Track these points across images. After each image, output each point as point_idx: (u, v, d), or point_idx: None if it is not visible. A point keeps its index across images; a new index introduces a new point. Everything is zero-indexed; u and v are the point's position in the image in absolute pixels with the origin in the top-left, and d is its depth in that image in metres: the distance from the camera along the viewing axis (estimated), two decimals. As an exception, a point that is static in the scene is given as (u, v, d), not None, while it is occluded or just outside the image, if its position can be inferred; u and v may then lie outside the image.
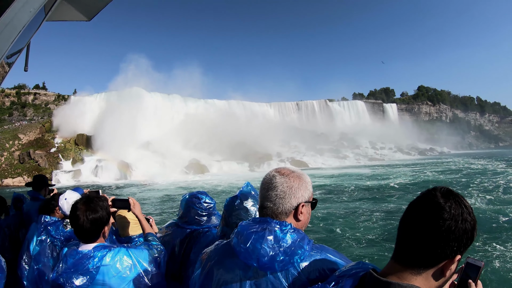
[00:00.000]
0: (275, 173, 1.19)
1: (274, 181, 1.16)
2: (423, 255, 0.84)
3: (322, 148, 56.13)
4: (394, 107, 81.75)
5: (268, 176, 1.19)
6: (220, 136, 52.45)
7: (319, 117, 69.10)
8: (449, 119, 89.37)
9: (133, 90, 60.81)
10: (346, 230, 11.25)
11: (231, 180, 34.13)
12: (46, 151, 52.20)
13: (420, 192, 0.89)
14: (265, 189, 1.18)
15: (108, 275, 1.68)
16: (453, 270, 0.88)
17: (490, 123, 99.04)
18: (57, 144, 54.57)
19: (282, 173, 1.18)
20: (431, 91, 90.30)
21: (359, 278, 0.93)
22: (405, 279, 0.85)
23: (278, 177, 1.17)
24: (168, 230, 2.27)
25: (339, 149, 56.89)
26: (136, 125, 52.68)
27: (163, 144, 50.65)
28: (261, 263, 1.06)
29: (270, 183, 1.17)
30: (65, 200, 2.48)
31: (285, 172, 1.19)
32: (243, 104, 64.76)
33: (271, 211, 1.15)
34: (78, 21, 2.52)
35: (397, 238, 0.90)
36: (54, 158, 50.84)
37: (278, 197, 1.14)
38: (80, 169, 46.52)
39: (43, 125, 58.91)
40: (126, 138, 48.90)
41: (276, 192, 1.15)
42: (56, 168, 48.60)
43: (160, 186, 31.20)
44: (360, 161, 51.66)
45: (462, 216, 0.83)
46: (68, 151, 53.11)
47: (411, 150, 63.95)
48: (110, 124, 51.08)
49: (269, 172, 1.21)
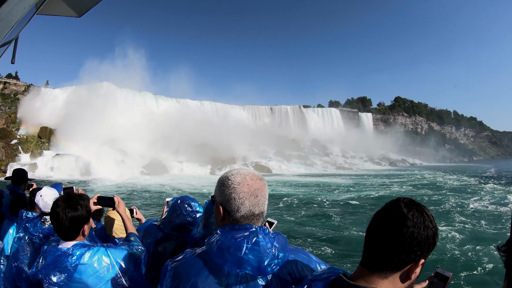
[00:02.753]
0: (257, 178, 1.21)
1: (257, 187, 1.18)
2: (389, 259, 0.90)
3: (291, 154, 55.38)
4: (370, 117, 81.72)
5: (253, 182, 1.19)
6: (187, 137, 51.69)
7: (292, 122, 68.48)
8: (424, 131, 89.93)
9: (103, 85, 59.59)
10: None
11: (188, 183, 33.41)
12: (6, 142, 50.64)
13: (385, 203, 0.96)
14: (249, 195, 1.17)
15: (85, 274, 1.69)
16: (418, 273, 0.93)
17: (466, 137, 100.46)
18: (19, 136, 52.97)
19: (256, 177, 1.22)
20: (408, 103, 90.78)
21: (330, 282, 0.98)
22: (372, 283, 0.91)
23: (259, 182, 1.19)
24: (159, 239, 2.12)
25: (308, 156, 56.25)
26: (102, 121, 51.26)
27: (127, 142, 49.65)
28: (255, 269, 1.08)
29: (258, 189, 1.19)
30: (41, 197, 2.45)
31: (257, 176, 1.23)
32: (216, 106, 63.63)
33: (251, 217, 1.17)
34: (68, 16, 2.54)
35: (364, 244, 0.96)
36: (13, 150, 49.48)
37: (260, 203, 1.18)
38: (36, 163, 45.20)
39: (9, 116, 57.24)
40: (90, 133, 47.46)
41: (258, 199, 1.17)
42: (13, 160, 47.20)
43: (109, 184, 30.31)
44: (327, 169, 51.08)
45: (424, 223, 0.90)
46: (29, 144, 51.50)
47: (382, 161, 63.82)
48: (75, 119, 49.73)
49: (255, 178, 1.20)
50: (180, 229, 2.09)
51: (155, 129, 53.30)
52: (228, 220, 1.17)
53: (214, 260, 1.12)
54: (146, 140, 51.14)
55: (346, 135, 69.77)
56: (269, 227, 2.37)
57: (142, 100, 61.67)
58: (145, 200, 21.33)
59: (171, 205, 2.14)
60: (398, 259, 0.89)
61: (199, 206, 2.14)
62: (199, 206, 2.14)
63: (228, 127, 59.24)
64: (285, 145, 59.02)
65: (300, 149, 59.92)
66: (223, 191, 1.17)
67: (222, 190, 1.17)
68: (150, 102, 61.85)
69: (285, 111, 69.13)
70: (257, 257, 1.07)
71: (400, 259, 0.89)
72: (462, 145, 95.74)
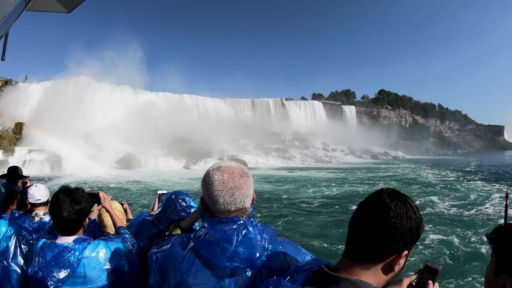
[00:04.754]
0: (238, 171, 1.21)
1: (234, 185, 1.17)
2: (371, 250, 0.89)
3: (270, 147, 54.74)
4: (353, 110, 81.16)
5: (229, 180, 1.18)
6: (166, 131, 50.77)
7: (273, 115, 67.54)
8: (408, 124, 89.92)
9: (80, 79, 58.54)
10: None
11: (159, 177, 32.80)
12: (-20, 139, 49.26)
13: (369, 194, 0.95)
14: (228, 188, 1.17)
15: (89, 268, 1.72)
16: (402, 265, 0.93)
17: (450, 130, 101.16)
18: (-6, 132, 51.67)
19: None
20: (392, 96, 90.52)
21: (312, 273, 0.97)
22: (354, 274, 0.90)
23: (237, 180, 1.18)
24: (153, 235, 2.10)
25: (288, 149, 55.64)
26: (78, 116, 50.32)
27: (103, 137, 48.60)
28: (245, 261, 1.07)
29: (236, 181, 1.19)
30: (36, 187, 2.47)
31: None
32: (197, 99, 62.53)
33: (226, 213, 1.17)
34: (58, 12, 2.53)
35: (347, 235, 0.95)
36: (-13, 147, 48.23)
37: (238, 201, 1.16)
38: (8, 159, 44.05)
39: (-15, 111, 55.86)
40: (64, 128, 46.57)
41: (235, 197, 1.16)
42: (-14, 157, 45.97)
43: (79, 180, 29.48)
44: (305, 163, 50.52)
45: (407, 214, 0.89)
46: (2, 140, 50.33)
47: (364, 154, 63.55)
48: (50, 113, 48.55)
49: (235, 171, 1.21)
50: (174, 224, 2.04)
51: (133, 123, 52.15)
52: (208, 213, 1.19)
53: (202, 253, 1.10)
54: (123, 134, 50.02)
55: (328, 128, 69.19)
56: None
57: (121, 94, 60.57)
58: (113, 196, 20.52)
59: (165, 200, 2.09)
60: (381, 250, 0.88)
61: (193, 201, 2.12)
62: (193, 201, 2.12)
63: (209, 121, 58.33)
64: (266, 139, 58.36)
65: (281, 142, 59.28)
66: (203, 185, 1.19)
67: (203, 184, 1.20)
68: (128, 96, 60.77)
69: (267, 104, 68.16)
70: (247, 250, 1.06)
71: (382, 250, 0.88)
72: (447, 138, 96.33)
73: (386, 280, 0.93)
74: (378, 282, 0.91)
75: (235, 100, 66.19)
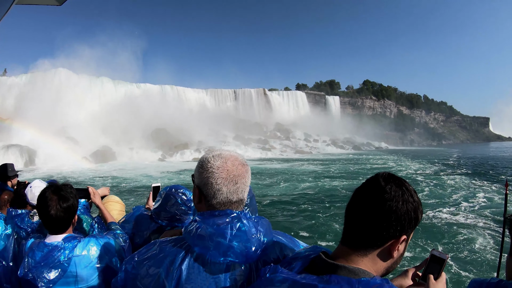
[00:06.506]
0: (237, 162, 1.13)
1: (237, 173, 1.11)
2: (367, 236, 0.87)
3: (250, 138, 54.32)
4: (337, 100, 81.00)
5: (233, 167, 1.11)
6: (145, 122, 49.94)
7: (256, 106, 67.08)
8: (393, 115, 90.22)
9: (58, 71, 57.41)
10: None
11: (129, 171, 31.91)
12: (-45, 134, 48.06)
13: (365, 179, 0.93)
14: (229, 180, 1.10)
15: (80, 266, 1.68)
16: (401, 251, 0.90)
17: (435, 121, 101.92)
18: (-30, 127, 50.47)
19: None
20: (377, 86, 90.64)
21: (309, 260, 0.96)
22: (352, 262, 0.88)
23: (240, 168, 1.12)
24: (153, 231, 2.05)
25: (268, 140, 55.28)
26: (55, 108, 49.40)
27: (80, 130, 47.71)
28: (240, 256, 1.03)
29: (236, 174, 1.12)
30: (30, 188, 2.36)
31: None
32: (178, 90, 61.70)
33: (228, 204, 1.11)
34: (48, 5, 2.51)
35: (344, 222, 0.94)
36: (-38, 142, 47.04)
37: (240, 190, 1.11)
38: (-21, 154, 43.04)
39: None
40: (41, 121, 45.54)
41: (237, 186, 1.11)
42: (-40, 152, 44.80)
43: (53, 174, 28.23)
44: (284, 154, 50.23)
45: (403, 197, 0.87)
46: (-21, 136, 49.23)
47: (346, 144, 63.59)
48: (28, 107, 47.68)
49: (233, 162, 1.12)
50: (174, 219, 2.01)
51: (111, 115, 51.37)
52: (204, 204, 1.11)
53: (194, 249, 1.05)
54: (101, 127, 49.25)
55: (311, 118, 69.00)
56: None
57: (100, 85, 59.56)
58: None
59: (165, 195, 2.02)
60: (377, 235, 0.86)
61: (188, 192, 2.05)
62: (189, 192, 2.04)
63: (189, 112, 57.75)
64: (248, 129, 57.96)
65: (263, 133, 58.98)
66: (201, 173, 1.10)
67: (200, 173, 1.11)
68: (108, 87, 59.77)
69: (249, 95, 67.60)
70: (242, 244, 1.02)
71: (378, 235, 0.86)
72: (432, 129, 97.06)
73: (385, 267, 0.90)
74: (377, 269, 0.89)
75: (217, 90, 65.52)
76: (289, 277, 0.90)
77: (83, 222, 2.27)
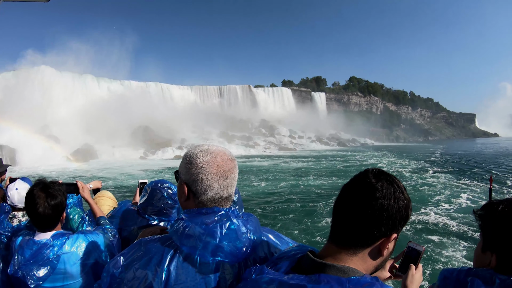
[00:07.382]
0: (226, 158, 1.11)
1: (227, 168, 1.09)
2: (358, 234, 0.84)
3: (234, 135, 54.32)
4: (323, 96, 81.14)
5: (223, 162, 1.09)
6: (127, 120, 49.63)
7: (241, 102, 66.88)
8: (379, 111, 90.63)
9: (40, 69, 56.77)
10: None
11: (109, 170, 31.68)
12: None
13: (354, 175, 0.90)
14: (220, 177, 1.07)
15: (69, 263, 1.68)
16: (390, 249, 0.88)
17: (422, 118, 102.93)
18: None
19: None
20: (363, 83, 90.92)
21: (296, 259, 0.93)
22: (341, 260, 0.85)
23: (230, 163, 1.10)
24: (141, 226, 2.03)
25: (253, 136, 55.35)
26: (37, 106, 48.78)
27: (62, 128, 47.12)
28: (230, 255, 1.01)
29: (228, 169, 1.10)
30: (16, 190, 2.26)
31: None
32: (162, 87, 61.37)
33: (218, 200, 1.08)
34: (36, 2, 2.65)
35: (332, 220, 0.91)
36: None
37: (229, 186, 1.09)
38: (-43, 154, 42.25)
39: None
40: (24, 120, 44.59)
41: (228, 181, 1.08)
42: None
43: (32, 173, 28.17)
44: (267, 151, 50.33)
45: (395, 195, 0.84)
46: (-44, 133, 48.40)
47: (331, 141, 63.90)
48: (9, 105, 46.40)
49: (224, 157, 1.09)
50: (160, 213, 2.03)
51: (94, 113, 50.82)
52: (193, 201, 1.08)
53: (182, 248, 1.01)
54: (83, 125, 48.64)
55: (297, 115, 69.03)
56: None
57: (83, 83, 59.05)
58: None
59: (151, 189, 2.03)
60: (368, 233, 0.83)
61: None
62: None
63: (173, 109, 57.46)
64: (232, 126, 57.91)
65: (247, 129, 58.96)
66: (190, 169, 1.06)
67: (188, 169, 1.06)
68: (91, 85, 59.26)
69: (234, 91, 67.38)
70: (232, 243, 0.99)
71: (370, 233, 0.83)
72: (418, 125, 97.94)
73: (375, 266, 0.88)
74: (367, 267, 0.86)
75: (202, 87, 65.26)
76: (276, 278, 0.86)
77: (75, 214, 2.26)
